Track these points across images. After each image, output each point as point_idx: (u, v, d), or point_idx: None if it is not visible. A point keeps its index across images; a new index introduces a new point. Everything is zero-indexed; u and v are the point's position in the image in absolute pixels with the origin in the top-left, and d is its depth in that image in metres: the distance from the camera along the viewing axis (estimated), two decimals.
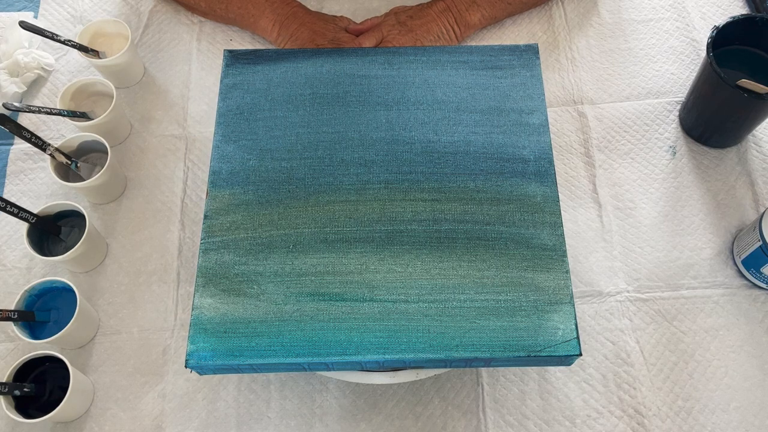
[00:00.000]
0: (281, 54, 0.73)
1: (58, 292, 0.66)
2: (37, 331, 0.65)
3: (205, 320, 0.59)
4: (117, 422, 0.66)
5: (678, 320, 0.69)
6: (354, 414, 0.66)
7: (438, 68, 0.72)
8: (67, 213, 0.69)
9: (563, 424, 0.65)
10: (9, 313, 0.62)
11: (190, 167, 0.78)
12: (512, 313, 0.59)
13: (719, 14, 0.86)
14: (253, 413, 0.66)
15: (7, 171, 0.78)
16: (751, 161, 0.76)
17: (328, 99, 0.70)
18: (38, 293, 0.66)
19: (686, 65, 0.83)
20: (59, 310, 0.66)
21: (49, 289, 0.66)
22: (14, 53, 0.82)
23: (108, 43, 0.80)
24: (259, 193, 0.65)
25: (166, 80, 0.84)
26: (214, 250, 0.63)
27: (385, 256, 0.62)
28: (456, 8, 0.82)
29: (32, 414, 0.61)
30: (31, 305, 0.66)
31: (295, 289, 0.61)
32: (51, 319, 0.66)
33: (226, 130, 0.69)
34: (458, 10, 0.82)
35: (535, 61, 0.72)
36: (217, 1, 0.82)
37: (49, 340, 0.63)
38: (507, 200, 0.64)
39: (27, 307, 0.65)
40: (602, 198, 0.75)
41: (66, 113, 0.73)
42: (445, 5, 0.82)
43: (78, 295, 0.64)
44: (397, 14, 0.83)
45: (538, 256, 0.62)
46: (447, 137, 0.68)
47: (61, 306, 0.66)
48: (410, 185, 0.65)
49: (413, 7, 0.83)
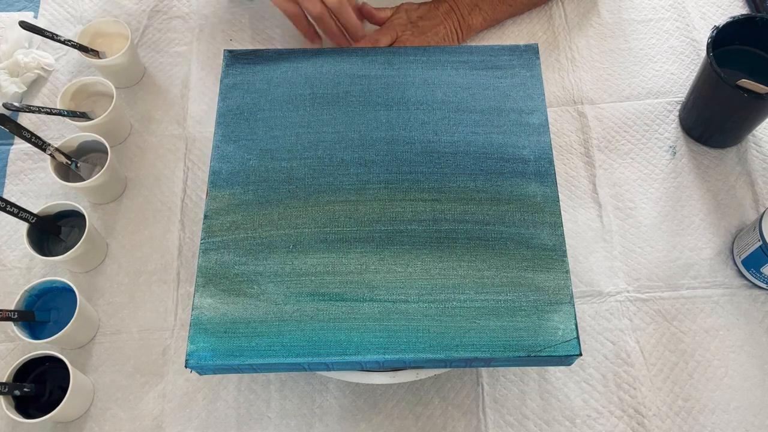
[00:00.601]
0: (281, 54, 0.73)
1: (58, 292, 0.66)
2: (37, 331, 0.65)
3: (205, 320, 0.59)
4: (117, 422, 0.66)
5: (678, 320, 0.69)
6: (354, 414, 0.66)
7: (438, 68, 0.72)
8: (67, 213, 0.69)
9: (563, 424, 0.65)
10: (9, 313, 0.62)
11: (190, 167, 0.78)
12: (512, 313, 0.59)
13: (719, 14, 0.86)
14: (253, 413, 0.66)
15: (7, 171, 0.78)
16: (751, 161, 0.76)
17: (328, 99, 0.70)
18: (38, 293, 0.66)
19: (686, 65, 0.83)
20: (59, 310, 0.66)
21: (49, 289, 0.66)
22: (14, 53, 0.82)
23: (108, 43, 0.80)
24: (259, 193, 0.65)
25: (166, 80, 0.84)
26: (214, 250, 0.63)
27: (385, 256, 0.62)
28: (459, 11, 0.82)
29: (32, 414, 0.61)
30: (31, 305, 0.66)
31: (295, 289, 0.61)
32: (51, 319, 0.66)
33: (226, 130, 0.69)
34: (461, 14, 0.82)
35: (535, 61, 0.72)
36: None
37: (49, 340, 0.63)
38: (507, 200, 0.64)
39: (27, 307, 0.65)
40: (602, 198, 0.75)
41: (66, 113, 0.73)
42: (449, 6, 0.82)
43: (78, 295, 0.64)
44: (408, 12, 0.82)
45: (538, 256, 0.62)
46: (447, 137, 0.68)
47: (61, 306, 0.66)
48: (410, 185, 0.65)
49: (421, 5, 0.83)
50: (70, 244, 0.67)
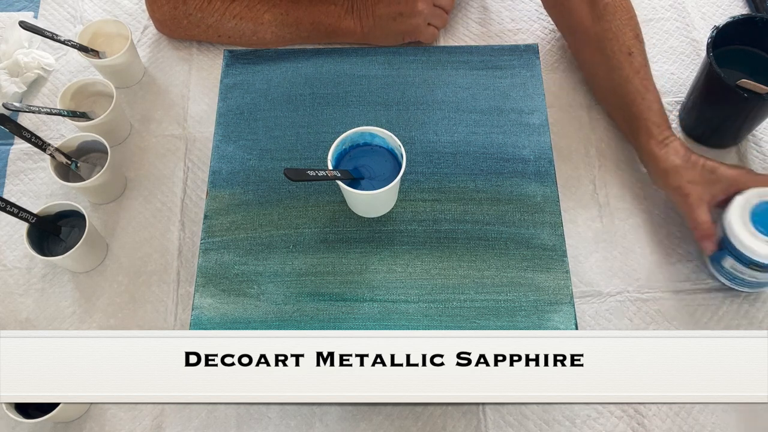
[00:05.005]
0: (281, 54, 0.73)
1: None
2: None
3: (205, 320, 0.59)
4: (117, 422, 0.66)
5: (678, 320, 0.69)
6: (354, 414, 0.66)
7: (438, 68, 0.72)
8: (67, 213, 0.69)
9: (563, 424, 0.65)
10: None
11: (190, 167, 0.78)
12: (512, 313, 0.59)
13: (719, 14, 0.86)
14: (253, 413, 0.66)
15: (7, 171, 0.78)
16: (751, 161, 0.76)
17: (328, 99, 0.70)
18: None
19: (686, 65, 0.83)
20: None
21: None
22: (14, 53, 0.82)
23: (108, 43, 0.80)
24: (259, 193, 0.65)
25: (166, 80, 0.84)
26: (214, 250, 0.63)
27: (385, 256, 0.62)
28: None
29: (32, 414, 0.61)
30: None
31: (295, 289, 0.61)
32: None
33: (226, 130, 0.69)
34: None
35: (535, 61, 0.72)
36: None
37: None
38: (507, 200, 0.64)
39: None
40: (602, 198, 0.75)
41: (66, 113, 0.73)
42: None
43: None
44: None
45: (538, 256, 0.62)
46: (447, 137, 0.68)
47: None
48: (410, 185, 0.65)
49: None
50: (70, 244, 0.67)
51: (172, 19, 0.81)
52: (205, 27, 0.81)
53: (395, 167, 0.60)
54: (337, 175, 0.58)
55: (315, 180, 0.56)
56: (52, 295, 0.71)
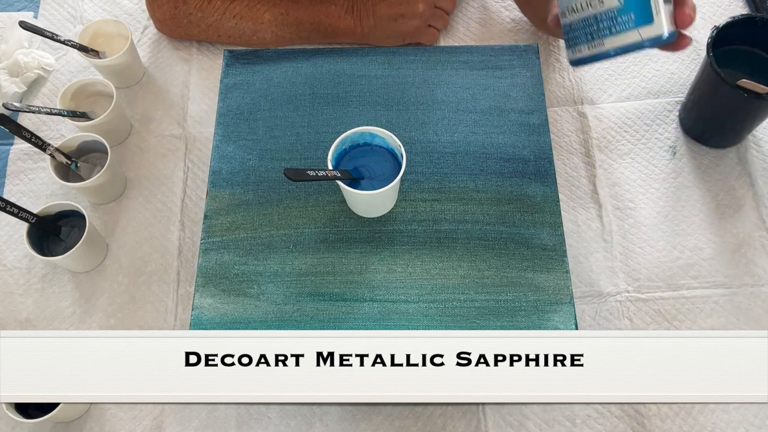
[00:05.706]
0: (281, 54, 0.73)
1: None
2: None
3: (205, 320, 0.59)
4: (117, 422, 0.66)
5: (678, 320, 0.69)
6: (354, 414, 0.66)
7: (438, 68, 0.72)
8: (67, 213, 0.69)
9: (563, 424, 0.65)
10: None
11: (190, 167, 0.78)
12: (512, 313, 0.59)
13: (719, 14, 0.86)
14: (253, 413, 0.66)
15: (7, 171, 0.78)
16: (751, 161, 0.76)
17: (328, 99, 0.70)
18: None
19: (686, 65, 0.83)
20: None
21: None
22: (14, 53, 0.82)
23: (108, 43, 0.80)
24: (259, 193, 0.65)
25: (166, 80, 0.84)
26: (214, 250, 0.63)
27: (385, 256, 0.62)
28: None
29: (32, 414, 0.61)
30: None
31: (295, 289, 0.61)
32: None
33: (226, 130, 0.69)
34: None
35: (535, 61, 0.72)
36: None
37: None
38: (507, 200, 0.64)
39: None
40: (602, 198, 0.75)
41: (66, 113, 0.73)
42: None
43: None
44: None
45: (538, 256, 0.62)
46: (447, 137, 0.68)
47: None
48: (410, 185, 0.65)
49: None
50: (70, 244, 0.67)
51: (172, 19, 0.81)
52: (205, 26, 0.81)
53: (395, 167, 0.60)
54: (337, 175, 0.58)
55: (315, 180, 0.56)
56: (52, 295, 0.71)
